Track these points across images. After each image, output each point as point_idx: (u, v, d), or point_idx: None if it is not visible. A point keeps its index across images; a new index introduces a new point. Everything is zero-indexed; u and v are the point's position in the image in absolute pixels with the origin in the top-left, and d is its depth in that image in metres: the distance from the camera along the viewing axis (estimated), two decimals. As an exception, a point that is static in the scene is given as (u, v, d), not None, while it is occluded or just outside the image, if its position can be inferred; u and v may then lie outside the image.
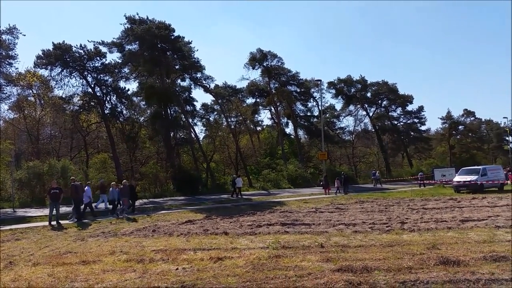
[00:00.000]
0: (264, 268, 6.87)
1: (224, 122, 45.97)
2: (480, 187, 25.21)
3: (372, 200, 21.42)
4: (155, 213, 18.18)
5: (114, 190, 18.32)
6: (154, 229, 12.69)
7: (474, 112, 69.61)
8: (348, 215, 14.80)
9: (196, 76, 38.02)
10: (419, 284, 5.64)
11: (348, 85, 54.62)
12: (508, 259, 6.85)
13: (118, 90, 35.06)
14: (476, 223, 11.47)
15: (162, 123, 34.40)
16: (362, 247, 8.59)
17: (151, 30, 31.79)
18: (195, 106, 41.60)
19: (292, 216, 15.23)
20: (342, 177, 29.83)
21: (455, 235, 9.73)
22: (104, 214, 18.11)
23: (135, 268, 7.30)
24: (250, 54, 47.14)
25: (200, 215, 16.96)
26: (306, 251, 8.34)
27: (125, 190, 17.95)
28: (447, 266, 6.51)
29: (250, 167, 44.57)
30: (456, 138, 68.36)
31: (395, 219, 13.17)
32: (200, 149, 40.69)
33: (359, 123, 57.65)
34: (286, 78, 49.31)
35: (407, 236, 9.85)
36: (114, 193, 18.26)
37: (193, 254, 8.41)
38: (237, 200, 25.04)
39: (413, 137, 58.23)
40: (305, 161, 47.44)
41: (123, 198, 17.79)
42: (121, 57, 33.97)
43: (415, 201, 20.13)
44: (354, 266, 6.62)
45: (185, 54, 34.51)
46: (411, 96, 56.37)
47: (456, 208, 15.98)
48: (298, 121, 51.46)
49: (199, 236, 11.03)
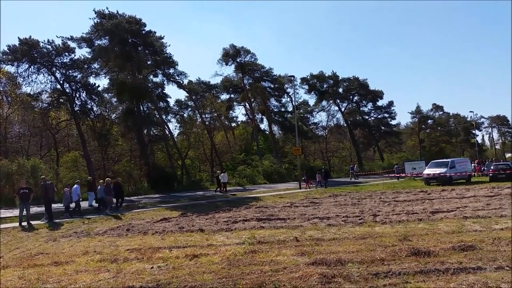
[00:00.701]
0: (240, 264, 6.90)
1: (199, 119, 45.62)
2: (449, 179, 26.02)
3: (346, 194, 21.82)
4: (129, 212, 17.87)
5: (102, 188, 18.40)
6: (128, 228, 12.50)
7: (443, 107, 71.87)
8: (323, 209, 15.04)
9: (168, 72, 37.56)
10: (392, 275, 5.77)
11: (320, 81, 55.23)
12: (475, 248, 7.12)
13: (88, 86, 34.05)
14: (446, 214, 11.88)
15: (134, 120, 33.74)
16: (336, 240, 8.75)
17: (121, 24, 31.07)
18: (168, 102, 41.16)
19: (268, 211, 15.33)
20: (322, 171, 30.86)
21: (425, 226, 10.04)
22: (92, 212, 17.92)
23: (109, 268, 7.19)
24: (223, 50, 46.96)
25: (175, 213, 16.81)
26: (281, 245, 8.43)
27: (109, 188, 18.06)
28: (418, 257, 6.70)
29: (225, 163, 44.43)
30: (426, 132, 70.44)
31: (367, 212, 13.48)
32: (174, 146, 40.24)
33: (332, 118, 58.57)
34: (259, 74, 49.35)
35: (379, 229, 10.10)
36: (102, 191, 18.33)
37: (168, 252, 8.35)
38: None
39: (384, 132, 59.54)
40: (280, 156, 47.74)
41: (108, 196, 17.89)
42: (90, 52, 33.08)
43: (387, 194, 20.63)
44: (328, 259, 6.74)
45: (157, 49, 33.97)
46: (381, 91, 57.70)
47: (427, 200, 16.48)
48: (273, 117, 51.66)
49: (174, 234, 10.95)
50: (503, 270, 5.78)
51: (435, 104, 71.04)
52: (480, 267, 5.94)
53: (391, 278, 5.68)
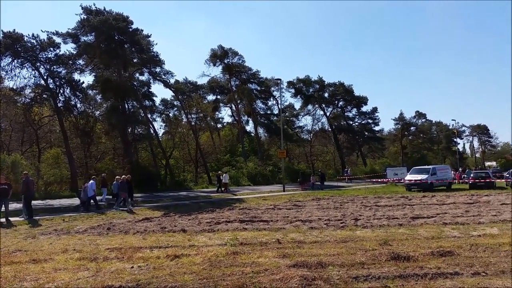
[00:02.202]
0: (221, 265, 6.89)
1: (184, 119, 45.36)
2: (430, 185, 26.50)
3: (328, 197, 22.03)
4: (111, 211, 17.67)
5: (116, 184, 19.17)
6: (109, 227, 12.36)
7: (425, 114, 73.30)
8: (305, 212, 15.16)
9: (155, 70, 37.25)
10: (371, 279, 5.82)
11: (306, 85, 55.62)
12: (453, 254, 7.25)
13: (72, 83, 33.51)
14: (426, 220, 12.07)
15: (119, 118, 33.32)
16: (317, 243, 8.82)
17: (108, 21, 30.75)
18: (154, 101, 40.73)
19: (251, 213, 15.36)
20: (318, 174, 33.36)
21: (405, 231, 10.19)
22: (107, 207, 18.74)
23: (88, 267, 7.09)
24: (211, 50, 46.88)
25: (157, 213, 16.68)
26: (263, 247, 8.46)
27: (123, 185, 18.70)
28: (397, 262, 6.78)
29: (210, 164, 44.32)
30: (408, 138, 71.62)
31: (349, 215, 13.63)
32: (159, 145, 39.92)
33: (317, 122, 59.05)
34: (246, 76, 49.41)
35: (360, 232, 10.22)
36: (116, 186, 19.09)
37: (149, 252, 8.28)
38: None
39: (367, 137, 60.29)
40: (264, 159, 47.80)
41: (122, 192, 18.57)
42: (76, 48, 32.56)
43: (369, 198, 20.91)
44: (309, 261, 6.77)
45: (144, 48, 33.68)
46: (365, 97, 58.44)
47: (407, 205, 16.75)
48: (258, 119, 51.73)
49: (156, 234, 10.87)
50: (479, 275, 5.89)
51: (418, 111, 72.48)
52: (457, 272, 6.04)
53: (370, 281, 5.73)
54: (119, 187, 18.74)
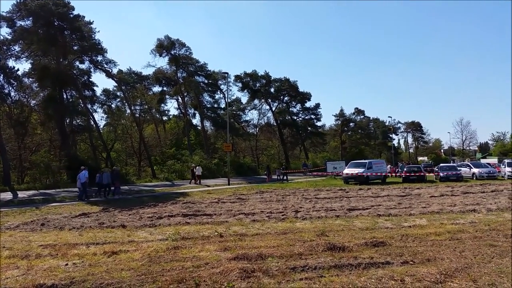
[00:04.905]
0: (161, 260, 6.80)
1: (128, 110, 43.83)
2: (366, 179, 27.76)
3: (271, 191, 22.43)
4: (45, 206, 16.75)
5: (107, 174, 20.74)
6: (43, 223, 11.76)
7: (364, 111, 76.78)
8: (249, 205, 15.33)
9: (96, 59, 35.59)
10: (308, 269, 6.01)
11: (253, 80, 56.05)
12: (385, 244, 7.63)
13: (6, 70, 31.31)
14: (361, 212, 12.64)
15: (56, 108, 31.52)
16: (258, 236, 8.96)
17: (47, 6, 29.11)
18: (95, 91, 38.99)
19: (195, 207, 15.25)
20: (282, 168, 35.33)
21: (342, 223, 10.62)
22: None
23: (19, 265, 6.72)
24: (157, 40, 45.71)
25: (96, 208, 16.06)
26: (205, 241, 8.45)
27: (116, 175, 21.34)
28: (333, 252, 7.03)
29: (154, 157, 43.22)
30: (347, 134, 74.82)
31: (290, 208, 13.98)
32: (99, 138, 38.27)
33: (263, 117, 59.98)
34: (194, 68, 48.74)
35: (300, 224, 10.54)
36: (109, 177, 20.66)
37: (86, 248, 7.97)
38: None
39: (310, 132, 62.18)
40: (210, 152, 47.58)
41: (116, 181, 20.91)
42: (11, 33, 30.45)
43: (309, 191, 21.57)
44: (250, 254, 6.88)
45: (85, 35, 32.21)
46: (309, 93, 60.12)
47: (345, 198, 17.44)
48: (205, 112, 51.31)
49: (93, 229, 10.49)
50: (408, 264, 6.25)
51: (357, 108, 75.83)
52: (388, 261, 6.36)
53: (307, 272, 5.91)
54: (113, 177, 20.73)
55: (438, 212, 12.09)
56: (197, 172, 29.82)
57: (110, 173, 21.08)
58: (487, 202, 14.46)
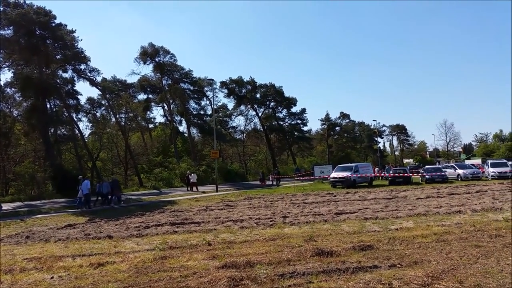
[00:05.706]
0: (148, 271, 6.71)
1: (113, 118, 43.35)
2: (353, 182, 28.00)
3: (260, 196, 22.41)
4: (30, 218, 16.43)
5: (106, 184, 21.47)
6: (28, 235, 11.52)
7: (349, 115, 77.52)
8: (237, 212, 15.27)
9: (80, 67, 35.30)
10: (296, 275, 5.98)
11: (239, 86, 56.20)
12: (373, 248, 7.66)
13: (-14, 79, 30.73)
14: (348, 215, 12.67)
15: (40, 118, 31.07)
16: (247, 243, 8.91)
17: (27, 15, 28.83)
18: (79, 100, 38.54)
19: (182, 215, 15.13)
20: (275, 172, 36.95)
21: (330, 227, 10.63)
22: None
23: (2, 280, 6.57)
24: (141, 48, 45.45)
25: (82, 218, 15.80)
26: (193, 250, 8.37)
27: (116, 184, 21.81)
28: (321, 257, 7.02)
29: (141, 166, 42.80)
30: (334, 138, 75.39)
31: (278, 213, 13.97)
32: (84, 147, 37.78)
33: (250, 122, 60.13)
34: (179, 75, 48.59)
35: (288, 230, 10.52)
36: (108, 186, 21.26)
37: (72, 261, 7.83)
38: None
39: (296, 137, 62.38)
40: (198, 159, 47.36)
41: (116, 191, 21.29)
42: (-8, 43, 29.95)
43: (297, 196, 21.61)
44: (238, 261, 6.82)
45: (68, 43, 31.93)
46: (295, 98, 60.54)
47: (332, 202, 17.51)
48: (191, 119, 51.10)
49: (79, 241, 10.31)
50: (395, 267, 6.27)
51: (342, 112, 76.49)
52: (376, 265, 6.37)
53: (295, 278, 5.88)
54: (113, 186, 21.23)
55: (425, 214, 12.20)
56: (192, 179, 30.36)
57: (110, 183, 21.92)
58: (472, 203, 14.68)
